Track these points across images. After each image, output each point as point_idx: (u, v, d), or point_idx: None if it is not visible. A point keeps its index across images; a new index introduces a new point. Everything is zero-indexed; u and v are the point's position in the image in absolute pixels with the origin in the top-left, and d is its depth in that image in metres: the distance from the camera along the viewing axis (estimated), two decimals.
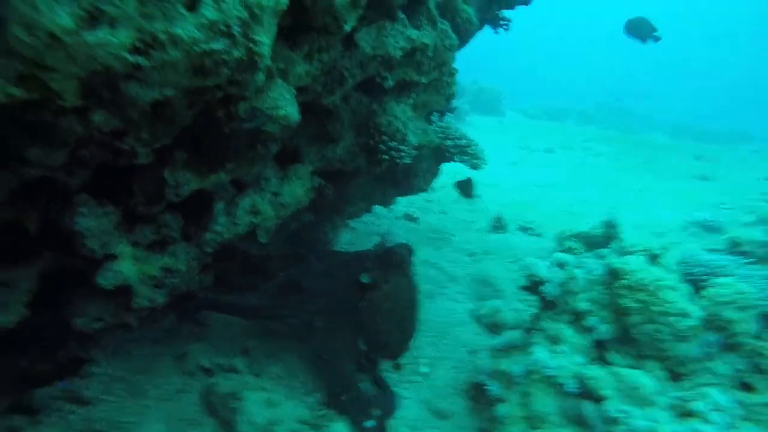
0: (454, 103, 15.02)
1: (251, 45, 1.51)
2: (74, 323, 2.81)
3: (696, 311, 3.02)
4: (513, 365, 2.95)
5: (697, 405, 2.60)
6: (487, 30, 5.74)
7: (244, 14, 1.45)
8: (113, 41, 1.36)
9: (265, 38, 1.55)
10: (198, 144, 2.47)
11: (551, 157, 15.00)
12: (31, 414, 2.76)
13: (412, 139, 3.41)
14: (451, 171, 10.78)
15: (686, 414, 2.57)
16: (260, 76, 1.70)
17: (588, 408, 2.49)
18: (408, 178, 4.15)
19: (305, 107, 3.23)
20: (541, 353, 2.81)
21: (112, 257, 2.61)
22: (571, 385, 2.59)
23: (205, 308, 3.58)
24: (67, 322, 2.83)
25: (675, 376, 3.01)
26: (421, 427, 3.12)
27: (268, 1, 1.51)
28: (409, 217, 6.97)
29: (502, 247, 6.43)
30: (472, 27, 4.41)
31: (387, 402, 3.16)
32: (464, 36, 4.43)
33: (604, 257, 5.44)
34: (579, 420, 2.54)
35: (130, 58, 1.39)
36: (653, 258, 5.71)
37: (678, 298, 2.99)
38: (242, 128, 2.27)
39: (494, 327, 4.07)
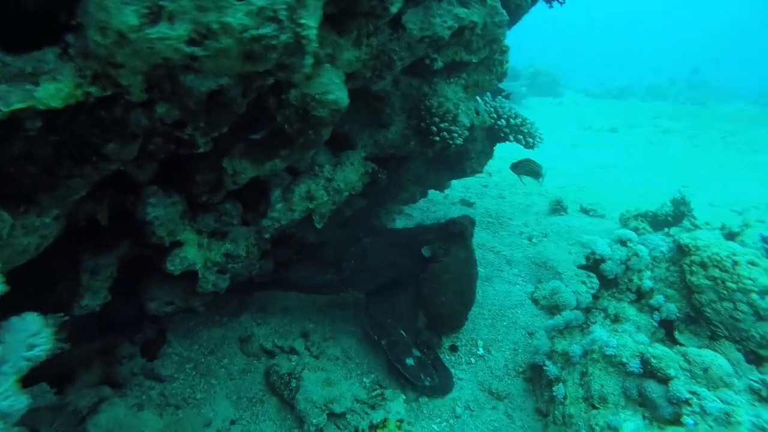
0: (511, 86, 14.60)
1: (298, 29, 1.57)
2: (148, 307, 3.05)
3: None
4: (572, 345, 2.87)
5: None
6: (543, 8, 5.53)
7: None
8: (171, 34, 1.46)
9: (311, 21, 1.60)
10: (253, 132, 2.59)
11: (615, 136, 14.25)
12: (117, 387, 3.02)
13: (464, 120, 3.37)
14: (507, 155, 10.55)
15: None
16: (308, 60, 1.76)
17: (652, 388, 2.38)
18: (461, 160, 4.11)
19: (356, 93, 3.29)
20: (600, 332, 2.71)
21: (179, 244, 2.80)
22: (634, 365, 2.48)
23: (275, 287, 3.73)
24: (142, 306, 3.08)
25: (756, 360, 2.82)
26: (477, 408, 3.12)
27: None
28: (465, 203, 6.90)
29: (561, 229, 6.22)
30: (525, 2, 4.27)
31: (443, 381, 3.18)
32: (516, 12, 4.30)
33: (672, 236, 5.15)
34: (642, 401, 2.43)
35: (187, 48, 1.48)
36: (731, 235, 5.34)
37: (759, 274, 2.78)
38: (293, 115, 2.35)
39: (553, 308, 3.96)
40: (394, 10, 2.41)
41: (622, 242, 3.05)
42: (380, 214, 4.64)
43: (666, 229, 5.63)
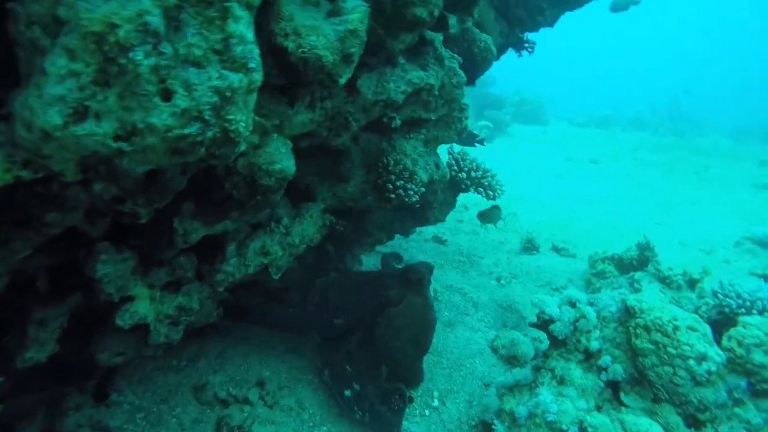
0: (496, 114, 14.82)
1: (226, 124, 1.63)
2: (98, 358, 3.04)
3: (717, 355, 2.88)
4: (518, 406, 2.91)
5: None
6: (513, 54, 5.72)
7: (215, 99, 1.56)
8: (98, 131, 1.51)
9: (240, 116, 1.66)
10: (204, 196, 2.64)
11: (596, 168, 14.52)
12: None
13: (422, 175, 3.45)
14: None
15: None
16: (241, 147, 1.81)
17: None
18: (424, 210, 4.18)
19: (316, 147, 3.36)
20: (545, 396, 2.76)
21: (130, 299, 2.82)
22: None
23: (240, 317, 3.79)
24: (91, 356, 3.06)
25: (695, 423, 2.88)
26: None
27: (240, 84, 1.62)
28: (438, 240, 6.97)
29: (531, 269, 6.31)
30: (490, 55, 4.41)
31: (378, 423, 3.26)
32: (482, 64, 4.44)
33: (634, 282, 5.25)
34: None
35: (114, 144, 1.53)
36: (692, 282, 5.46)
37: (696, 340, 2.86)
38: (241, 182, 2.41)
39: (511, 359, 4.01)
40: (342, 81, 2.49)
41: (572, 303, 3.12)
42: (345, 258, 4.68)
43: (632, 273, 5.74)
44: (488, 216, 4.62)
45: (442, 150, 4.24)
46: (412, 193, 3.24)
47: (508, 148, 16.37)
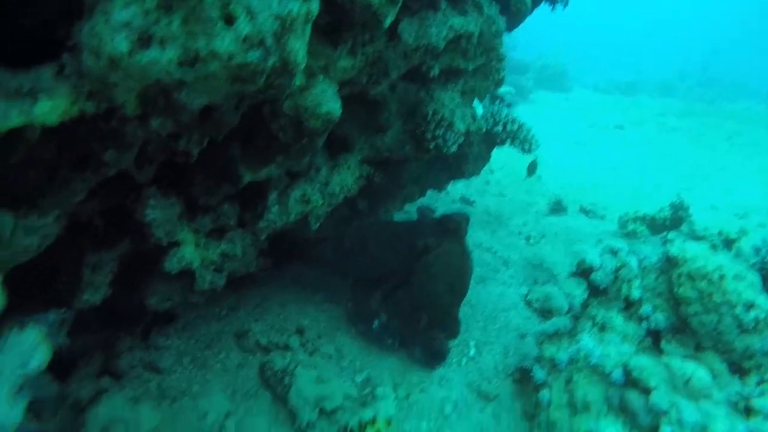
0: (518, 79, 14.45)
1: (285, 54, 1.61)
2: (148, 303, 3.14)
3: (766, 302, 2.85)
4: (559, 352, 2.94)
5: (761, 402, 2.47)
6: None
7: (276, 26, 1.55)
8: (162, 59, 1.51)
9: (298, 45, 1.64)
10: (250, 140, 2.65)
11: (621, 134, 14.16)
12: (116, 378, 3.13)
13: (460, 126, 3.41)
14: (512, 151, 10.56)
15: (747, 411, 2.46)
16: (297, 79, 1.80)
17: (633, 398, 2.44)
18: (459, 163, 4.15)
19: (353, 97, 3.34)
20: (586, 341, 2.78)
21: (176, 244, 2.88)
22: (617, 375, 2.55)
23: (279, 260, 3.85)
24: (141, 301, 3.17)
25: (740, 371, 2.87)
26: (465, 408, 3.20)
27: (299, 11, 1.60)
28: (466, 201, 6.94)
29: (559, 230, 6.25)
30: (524, 7, 4.27)
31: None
32: (517, 16, 4.31)
33: (667, 242, 5.19)
34: (623, 409, 2.50)
35: (177, 73, 1.54)
36: (728, 242, 5.37)
37: (744, 288, 2.83)
38: (287, 124, 2.41)
39: (545, 312, 4.02)
40: (387, 23, 2.45)
41: (613, 252, 3.10)
42: (378, 213, 4.70)
43: (664, 233, 5.64)
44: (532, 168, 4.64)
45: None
46: (450, 142, 3.21)
47: (530, 114, 15.99)
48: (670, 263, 3.02)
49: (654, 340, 3.05)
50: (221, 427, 2.95)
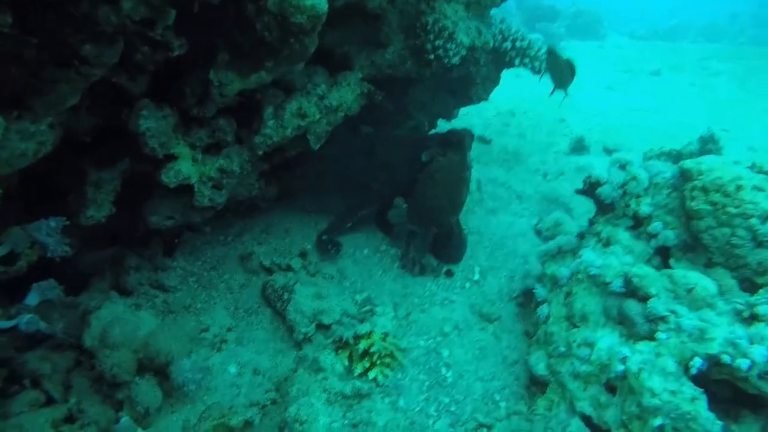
0: (548, 27, 13.67)
1: None
2: (149, 220, 3.18)
3: None
4: (560, 268, 2.85)
5: (766, 308, 2.34)
6: None
7: None
8: None
9: None
10: (237, 44, 2.57)
11: (656, 80, 13.37)
12: (126, 294, 3.22)
13: (463, 38, 3.23)
14: (533, 96, 10.15)
15: (751, 318, 2.34)
16: None
17: (632, 306, 2.35)
18: (466, 86, 3.98)
19: (351, 11, 3.19)
20: (588, 254, 2.67)
21: (173, 158, 2.88)
22: (617, 284, 2.45)
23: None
24: (144, 219, 3.22)
25: (752, 287, 2.73)
26: (466, 328, 3.18)
27: None
28: (483, 140, 6.72)
29: (580, 167, 6.01)
30: None
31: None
32: None
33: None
34: (621, 319, 2.42)
35: None
36: (761, 174, 5.05)
37: (764, 198, 2.64)
38: (272, 22, 2.31)
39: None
40: None
41: (622, 166, 2.94)
42: None
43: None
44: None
45: None
46: (452, 53, 3.06)
47: None
48: (684, 177, 2.85)
49: (663, 258, 2.91)
50: (222, 339, 3.02)
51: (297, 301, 3.06)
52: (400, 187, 3.75)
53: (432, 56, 3.11)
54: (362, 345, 2.78)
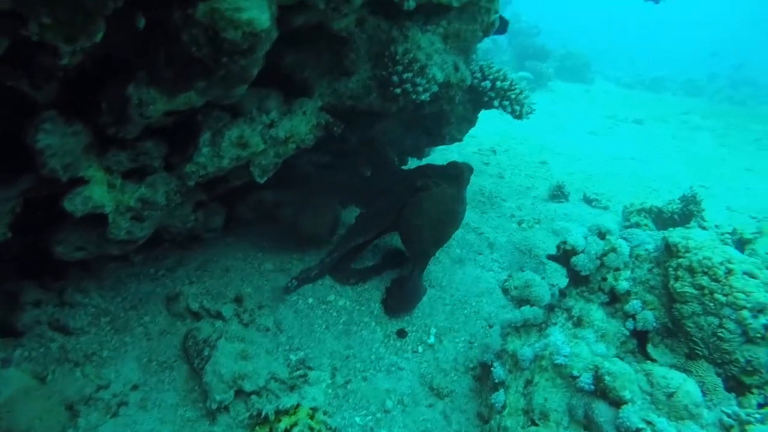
0: (538, 66, 13.69)
1: None
2: (56, 251, 2.71)
3: None
4: (523, 347, 2.46)
5: (761, 430, 1.98)
6: None
7: None
8: None
9: None
10: (165, 57, 2.17)
11: (639, 129, 13.43)
12: (16, 335, 2.72)
13: (437, 73, 2.89)
14: (518, 133, 9.96)
15: None
16: None
17: (601, 410, 1.97)
18: (440, 124, 3.64)
19: (315, 32, 2.83)
20: (556, 336, 2.30)
21: (82, 181, 2.44)
22: (585, 380, 2.07)
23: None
24: (48, 248, 2.74)
25: (738, 387, 2.38)
26: (411, 404, 2.75)
27: None
28: None
29: (557, 216, 5.73)
30: None
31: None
32: None
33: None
34: (588, 424, 2.03)
35: None
36: (741, 242, 4.81)
37: (756, 287, 2.31)
38: (201, 35, 1.92)
39: (524, 302, 3.55)
40: None
41: (601, 234, 2.59)
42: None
43: (671, 230, 5.10)
44: None
45: None
46: (421, 89, 2.71)
47: (547, 102, 15.32)
48: (668, 252, 2.52)
49: (639, 342, 2.56)
50: (121, 401, 2.53)
51: (217, 360, 2.60)
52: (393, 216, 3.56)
53: (398, 90, 2.75)
54: (284, 424, 2.32)
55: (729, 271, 2.33)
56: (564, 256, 2.64)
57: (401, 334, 3.21)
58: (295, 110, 2.96)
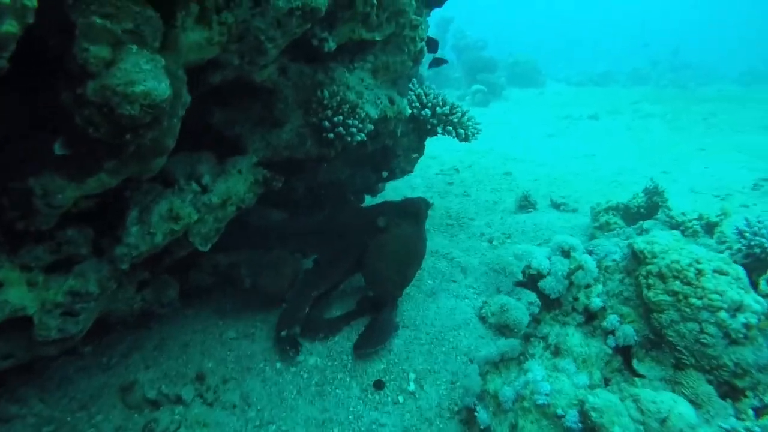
0: (489, 77, 13.93)
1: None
2: None
3: (756, 302, 2.23)
4: (504, 387, 2.29)
5: None
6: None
7: None
8: None
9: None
10: (69, 141, 1.99)
11: (595, 124, 13.72)
12: None
13: (371, 111, 2.79)
14: (481, 148, 9.99)
15: None
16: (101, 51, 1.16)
17: None
18: (387, 159, 3.53)
19: (236, 87, 2.70)
20: (535, 371, 2.14)
21: None
22: (571, 418, 1.91)
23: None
24: None
25: (732, 392, 2.25)
26: None
27: None
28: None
29: (527, 228, 5.65)
30: None
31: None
32: None
33: (642, 232, 4.59)
34: None
35: None
36: (709, 226, 4.78)
37: (728, 285, 2.21)
38: (96, 114, 1.76)
39: (502, 329, 3.37)
40: None
41: (564, 252, 2.47)
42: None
43: (640, 223, 5.07)
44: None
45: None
46: (355, 130, 2.59)
47: (503, 111, 15.61)
48: (636, 260, 2.41)
49: (624, 359, 2.42)
50: None
51: None
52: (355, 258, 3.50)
53: (332, 135, 2.63)
54: None
55: (699, 272, 2.23)
56: (530, 281, 2.50)
57: (378, 385, 3.01)
58: (229, 170, 2.80)
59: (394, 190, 6.51)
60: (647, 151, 10.53)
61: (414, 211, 3.74)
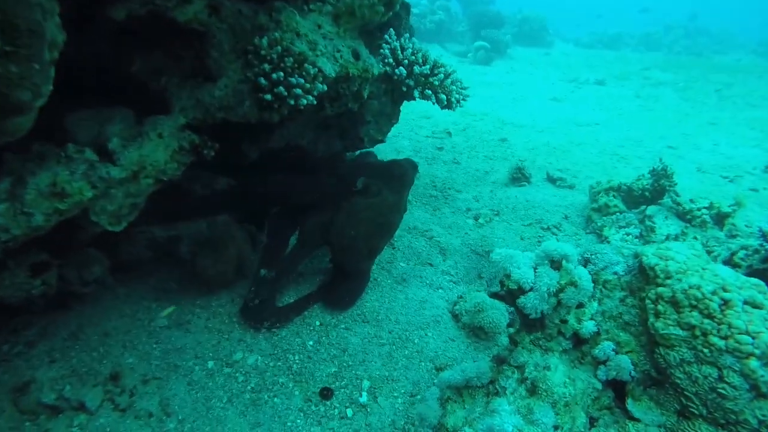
0: (495, 33, 12.99)
1: None
2: None
3: None
4: (465, 426, 1.84)
5: None
6: None
7: None
8: None
9: None
10: None
11: (601, 90, 12.95)
12: None
13: (326, 66, 2.19)
14: (478, 110, 9.32)
15: None
16: None
17: None
18: (355, 125, 2.95)
19: (151, 19, 2.09)
20: (502, 417, 1.68)
21: None
22: None
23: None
24: None
25: None
26: None
27: None
28: None
29: (519, 204, 5.13)
30: None
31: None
32: None
33: (645, 218, 4.08)
34: None
35: None
36: (720, 217, 4.28)
37: (761, 322, 1.72)
38: None
39: (477, 331, 2.92)
40: None
41: (554, 263, 1.96)
42: None
43: (643, 207, 4.56)
44: None
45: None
46: (300, 91, 2.00)
47: (505, 71, 14.71)
48: (644, 277, 1.91)
49: (617, 395, 1.97)
50: None
51: None
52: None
53: (269, 96, 2.04)
54: None
55: (725, 303, 1.73)
56: (509, 295, 2.01)
57: (325, 394, 2.57)
58: (147, 133, 2.23)
59: (378, 153, 5.93)
60: (655, 122, 9.89)
61: (400, 174, 3.37)
